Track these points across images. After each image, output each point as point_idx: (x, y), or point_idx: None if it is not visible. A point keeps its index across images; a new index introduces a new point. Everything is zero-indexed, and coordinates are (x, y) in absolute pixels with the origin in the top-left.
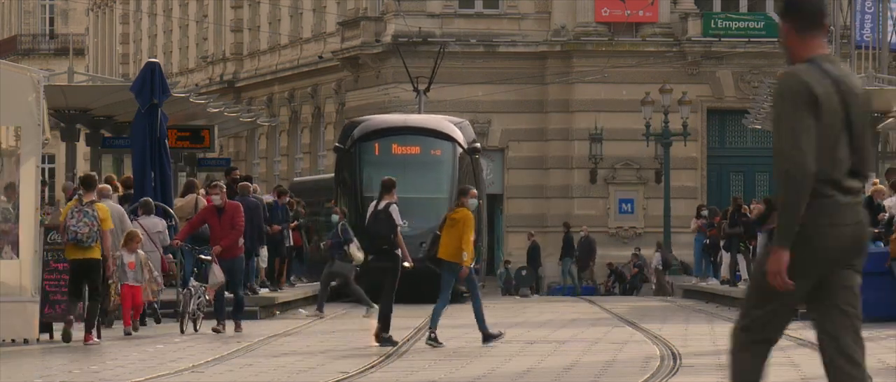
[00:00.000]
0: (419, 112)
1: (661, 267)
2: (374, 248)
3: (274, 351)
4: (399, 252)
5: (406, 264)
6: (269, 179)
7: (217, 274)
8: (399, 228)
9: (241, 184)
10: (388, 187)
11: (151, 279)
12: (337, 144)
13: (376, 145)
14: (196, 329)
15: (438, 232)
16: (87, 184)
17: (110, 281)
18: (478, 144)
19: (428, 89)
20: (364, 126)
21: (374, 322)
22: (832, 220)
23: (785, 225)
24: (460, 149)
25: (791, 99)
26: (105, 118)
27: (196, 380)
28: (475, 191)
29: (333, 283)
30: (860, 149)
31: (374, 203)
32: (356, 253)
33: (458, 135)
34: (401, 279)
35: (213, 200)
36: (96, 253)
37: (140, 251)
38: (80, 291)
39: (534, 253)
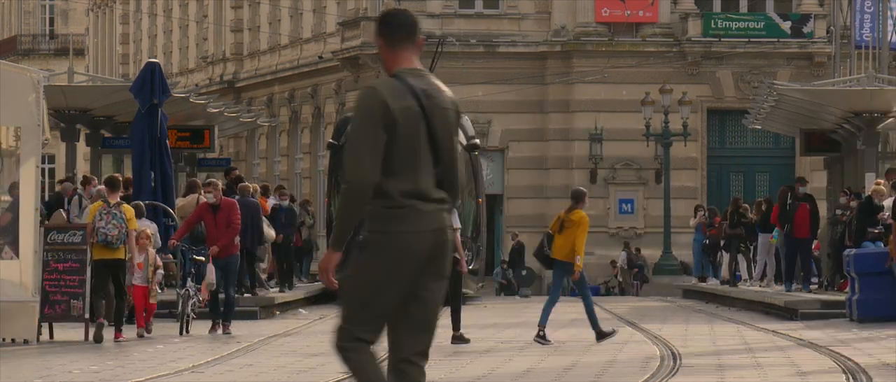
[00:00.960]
0: None
1: (626, 267)
2: None
3: (274, 351)
4: (456, 254)
5: (460, 267)
6: (269, 179)
7: (210, 275)
8: (457, 232)
9: (240, 185)
10: None
11: (154, 278)
12: (331, 141)
13: None
14: (187, 331)
15: (551, 232)
16: (112, 185)
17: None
18: (477, 140)
19: None
20: None
21: None
22: (412, 227)
23: (339, 230)
24: (458, 146)
25: (365, 114)
26: (105, 118)
27: (196, 380)
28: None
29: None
30: (446, 162)
31: None
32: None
33: None
34: None
35: (206, 198)
36: (122, 254)
37: (151, 249)
38: (105, 290)
39: (518, 254)
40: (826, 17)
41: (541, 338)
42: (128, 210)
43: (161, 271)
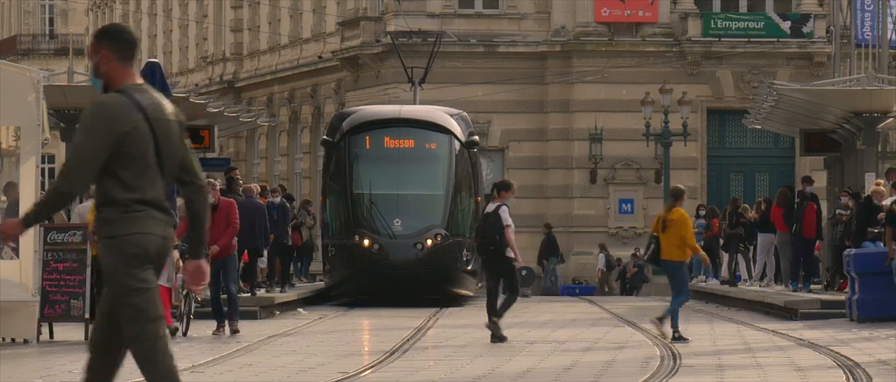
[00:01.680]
0: (414, 103)
1: (605, 268)
2: (482, 249)
3: (274, 351)
4: (509, 252)
5: (516, 262)
6: (269, 179)
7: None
8: (509, 229)
9: (245, 186)
10: (501, 188)
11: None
12: (325, 137)
13: (367, 138)
14: (185, 334)
15: (654, 234)
16: None
17: None
18: (476, 137)
19: (423, 80)
20: (354, 117)
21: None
22: (144, 229)
23: (35, 215)
24: (457, 143)
25: (92, 128)
26: None
27: (196, 380)
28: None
29: None
30: (169, 175)
31: (488, 204)
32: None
33: (454, 127)
34: (398, 283)
35: None
36: None
37: (174, 251)
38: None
39: None
40: (826, 16)
41: (680, 338)
42: None
43: (181, 275)
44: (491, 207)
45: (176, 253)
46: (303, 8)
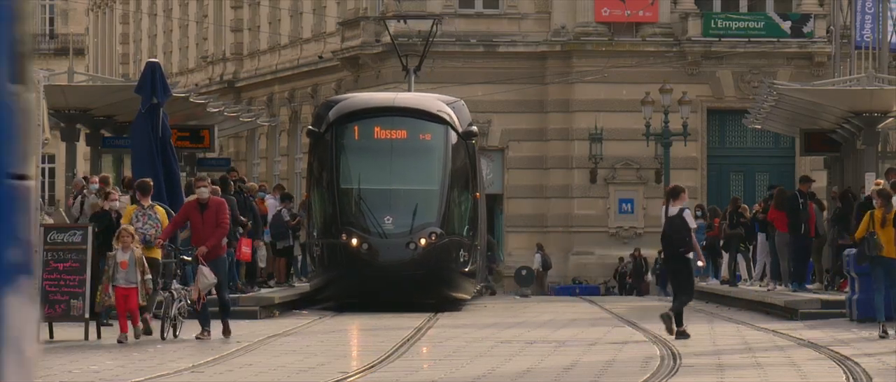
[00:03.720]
0: (409, 91)
1: (541, 268)
2: (670, 251)
3: (274, 351)
4: (692, 254)
5: (699, 264)
6: (269, 179)
7: (208, 275)
8: (693, 231)
9: (249, 184)
10: (675, 193)
11: (144, 280)
12: (310, 127)
13: (356, 128)
14: (176, 335)
15: (872, 230)
16: (144, 188)
17: (103, 279)
18: (474, 128)
19: (419, 68)
20: (342, 106)
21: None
22: None
23: None
24: (454, 134)
25: None
26: (105, 118)
27: (196, 380)
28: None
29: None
30: None
31: (664, 208)
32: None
33: (451, 116)
34: (389, 286)
35: (199, 193)
36: (157, 253)
37: (135, 249)
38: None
39: None
40: (826, 16)
41: (885, 334)
42: (160, 211)
43: (148, 277)
44: (673, 210)
45: (138, 252)
46: (303, 8)
